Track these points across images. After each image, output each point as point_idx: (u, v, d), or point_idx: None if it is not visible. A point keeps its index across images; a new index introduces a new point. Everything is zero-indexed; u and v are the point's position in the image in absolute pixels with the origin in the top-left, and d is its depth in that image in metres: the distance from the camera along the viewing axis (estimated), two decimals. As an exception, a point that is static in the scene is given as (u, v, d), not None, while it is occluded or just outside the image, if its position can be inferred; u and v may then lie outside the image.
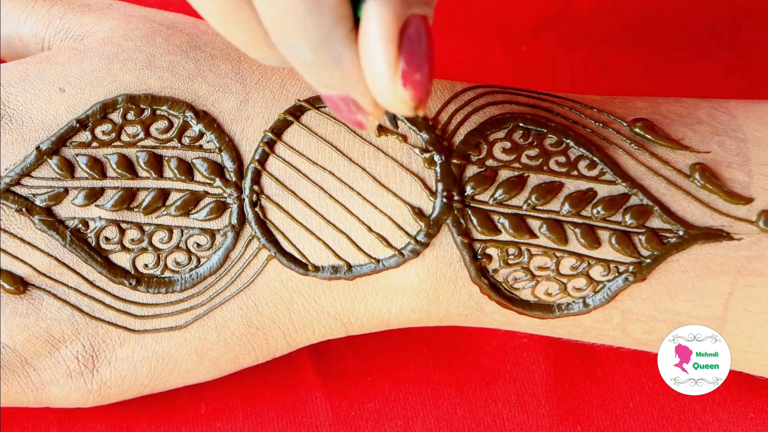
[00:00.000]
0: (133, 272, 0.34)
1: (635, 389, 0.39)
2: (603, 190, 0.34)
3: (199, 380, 0.36)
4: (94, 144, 0.34)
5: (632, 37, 0.45)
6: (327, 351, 0.39)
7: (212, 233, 0.34)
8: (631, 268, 0.33)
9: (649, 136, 0.34)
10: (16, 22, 0.37)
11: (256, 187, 0.34)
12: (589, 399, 0.39)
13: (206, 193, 0.34)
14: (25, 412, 0.38)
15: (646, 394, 0.38)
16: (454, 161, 0.34)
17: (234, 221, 0.34)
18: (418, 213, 0.34)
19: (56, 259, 0.34)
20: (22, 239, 0.34)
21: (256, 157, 0.34)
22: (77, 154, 0.34)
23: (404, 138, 0.34)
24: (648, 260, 0.33)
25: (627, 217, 0.33)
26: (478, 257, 0.34)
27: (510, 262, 0.34)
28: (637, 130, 0.34)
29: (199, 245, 0.34)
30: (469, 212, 0.34)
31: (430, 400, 0.39)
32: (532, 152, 0.34)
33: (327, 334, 0.36)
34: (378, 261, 0.34)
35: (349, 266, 0.34)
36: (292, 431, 0.38)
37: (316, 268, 0.34)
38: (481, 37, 0.45)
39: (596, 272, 0.34)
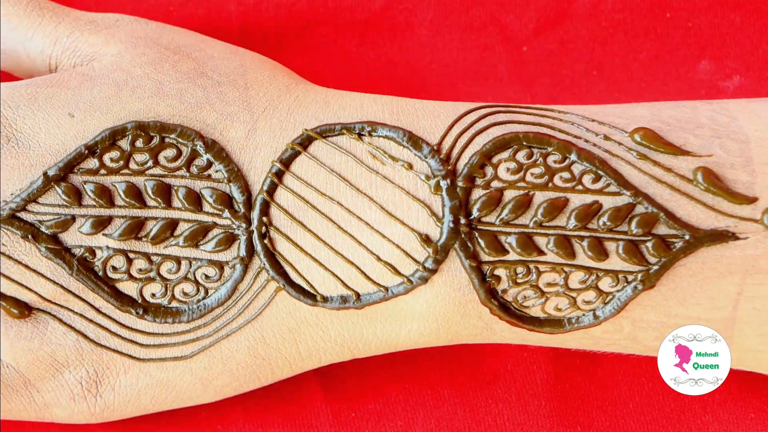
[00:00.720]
0: (140, 301, 0.34)
1: (635, 389, 0.39)
2: (608, 202, 0.34)
3: (201, 403, 0.36)
4: (102, 171, 0.34)
5: (632, 37, 0.45)
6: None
7: (221, 265, 0.34)
8: (639, 276, 0.33)
9: (651, 145, 0.34)
10: (24, 38, 0.37)
11: (264, 219, 0.34)
12: (589, 399, 0.39)
13: (215, 224, 0.34)
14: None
15: (646, 394, 0.38)
16: (460, 185, 0.34)
17: (243, 253, 0.34)
18: (426, 240, 0.34)
19: (62, 286, 0.34)
20: (27, 266, 0.33)
21: (265, 188, 0.34)
22: (85, 181, 0.34)
23: (410, 165, 0.34)
24: (656, 267, 0.33)
25: (633, 226, 0.33)
26: (487, 279, 0.34)
27: (519, 281, 0.34)
28: (638, 138, 0.34)
29: (207, 277, 0.34)
30: (476, 235, 0.34)
31: (430, 400, 0.39)
32: (537, 170, 0.34)
33: (333, 360, 0.36)
34: (387, 289, 0.34)
35: (358, 295, 0.34)
36: (293, 433, 0.38)
37: (325, 299, 0.34)
38: (481, 38, 0.45)
39: (605, 284, 0.34)
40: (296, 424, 0.38)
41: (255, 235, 0.34)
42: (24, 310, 0.33)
